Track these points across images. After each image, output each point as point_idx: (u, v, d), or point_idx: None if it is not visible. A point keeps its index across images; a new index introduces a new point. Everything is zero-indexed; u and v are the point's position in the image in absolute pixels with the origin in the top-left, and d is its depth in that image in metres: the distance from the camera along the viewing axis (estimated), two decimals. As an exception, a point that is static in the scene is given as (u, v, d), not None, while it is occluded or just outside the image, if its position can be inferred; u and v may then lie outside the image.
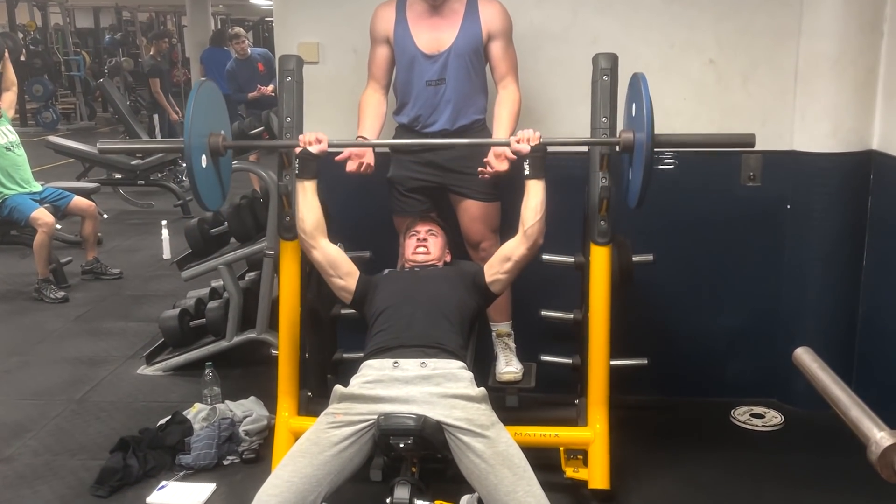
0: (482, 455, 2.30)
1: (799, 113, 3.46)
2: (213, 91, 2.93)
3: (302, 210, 2.76)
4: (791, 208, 3.56)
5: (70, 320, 5.12)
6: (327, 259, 2.77)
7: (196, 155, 2.69)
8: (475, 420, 2.34)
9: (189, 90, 12.19)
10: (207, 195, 2.78)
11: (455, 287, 2.77)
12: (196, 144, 2.69)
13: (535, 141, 2.71)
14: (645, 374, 3.24)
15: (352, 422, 2.36)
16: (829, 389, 1.29)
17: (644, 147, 2.58)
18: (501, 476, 2.28)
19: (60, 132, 13.93)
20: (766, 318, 3.67)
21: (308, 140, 2.78)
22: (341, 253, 2.82)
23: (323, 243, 2.77)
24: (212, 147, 2.79)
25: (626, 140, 2.73)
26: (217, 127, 2.86)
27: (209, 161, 2.79)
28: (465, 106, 3.10)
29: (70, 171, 8.66)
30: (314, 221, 2.76)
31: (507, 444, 2.34)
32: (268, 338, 4.06)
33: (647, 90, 2.59)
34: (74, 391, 4.02)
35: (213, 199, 2.87)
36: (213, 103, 2.90)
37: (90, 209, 6.01)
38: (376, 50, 3.16)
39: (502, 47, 3.07)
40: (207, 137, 2.79)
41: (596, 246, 2.91)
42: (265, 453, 3.21)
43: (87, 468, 3.21)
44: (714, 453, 3.30)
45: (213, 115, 2.87)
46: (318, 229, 2.76)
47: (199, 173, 2.72)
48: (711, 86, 3.49)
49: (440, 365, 2.47)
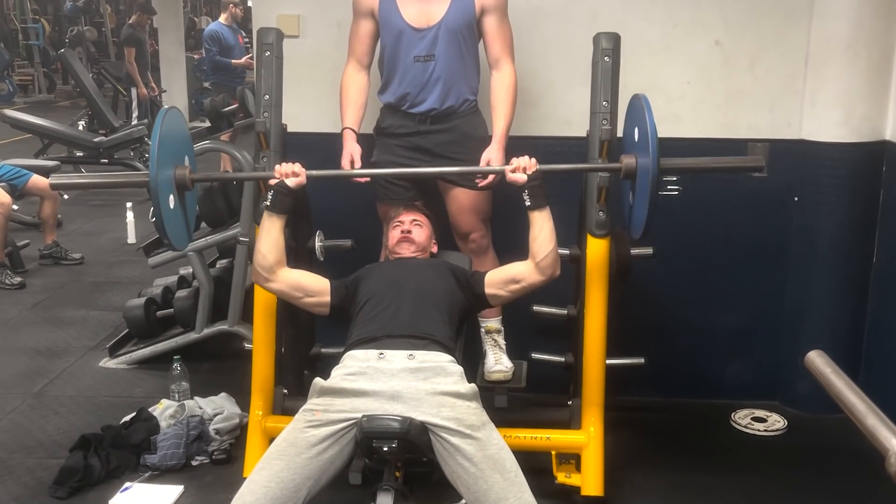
0: (471, 458, 2.29)
1: (809, 99, 3.47)
2: (178, 118, 2.83)
3: (264, 246, 2.68)
4: (798, 201, 3.57)
5: (27, 308, 5.08)
6: (289, 285, 2.73)
7: (164, 194, 2.61)
8: (464, 420, 2.33)
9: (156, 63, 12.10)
10: (175, 235, 2.70)
11: (444, 277, 2.76)
12: (163, 181, 2.61)
13: (531, 169, 2.66)
14: (642, 374, 3.25)
15: (332, 420, 2.34)
16: (844, 396, 1.30)
17: (649, 175, 2.55)
18: (492, 481, 2.27)
19: (17, 105, 13.81)
20: (769, 317, 3.69)
21: (284, 172, 2.71)
22: (302, 273, 2.78)
23: (282, 275, 2.71)
24: (178, 182, 2.70)
25: (629, 166, 2.69)
26: (182, 157, 2.78)
27: (176, 199, 2.71)
28: (456, 85, 3.08)
29: (28, 148, 8.58)
30: (276, 258, 2.69)
31: (498, 446, 2.34)
32: (240, 330, 4.04)
33: (650, 114, 2.56)
34: (31, 384, 3.98)
35: (181, 238, 2.79)
36: (178, 131, 2.80)
37: (49, 189, 5.94)
38: (359, 23, 3.13)
39: (496, 23, 3.05)
40: (173, 171, 2.70)
41: (593, 238, 2.91)
42: (237, 454, 3.20)
43: (45, 467, 3.18)
44: (713, 459, 3.32)
45: (179, 145, 2.78)
46: (279, 263, 2.71)
47: (168, 215, 2.63)
48: (717, 68, 3.49)
49: (429, 358, 2.46)
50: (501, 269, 2.80)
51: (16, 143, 9.39)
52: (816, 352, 1.40)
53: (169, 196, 2.65)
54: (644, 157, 2.58)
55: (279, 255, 2.70)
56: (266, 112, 2.96)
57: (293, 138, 3.11)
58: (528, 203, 2.65)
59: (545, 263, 2.64)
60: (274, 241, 2.69)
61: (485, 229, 3.20)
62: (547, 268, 2.65)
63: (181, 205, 2.75)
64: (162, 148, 2.59)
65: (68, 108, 14.00)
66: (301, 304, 2.77)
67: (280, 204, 2.70)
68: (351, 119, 3.10)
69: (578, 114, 3.09)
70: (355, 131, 3.09)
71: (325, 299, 2.73)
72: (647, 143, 2.53)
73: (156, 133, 2.59)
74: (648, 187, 2.54)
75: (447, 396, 2.37)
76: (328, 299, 2.72)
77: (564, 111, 3.45)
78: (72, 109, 13.04)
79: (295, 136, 3.13)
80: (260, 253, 2.69)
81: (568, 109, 3.41)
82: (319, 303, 2.74)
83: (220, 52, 8.52)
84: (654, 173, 2.52)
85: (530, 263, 2.67)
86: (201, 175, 2.91)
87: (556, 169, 2.87)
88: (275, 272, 2.70)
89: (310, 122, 3.40)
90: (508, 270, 2.75)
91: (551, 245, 2.64)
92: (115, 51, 16.89)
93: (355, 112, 3.10)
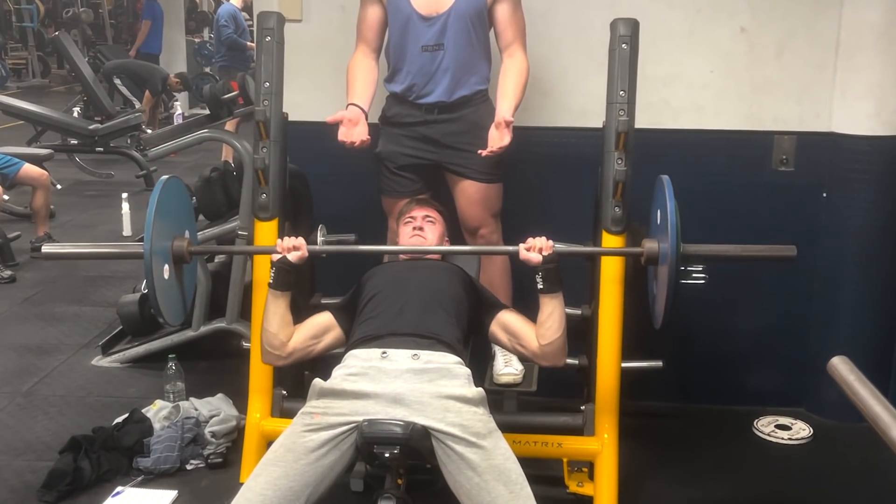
0: (476, 468, 2.28)
1: (839, 90, 3.45)
2: (178, 187, 2.83)
3: (272, 324, 2.67)
4: (827, 197, 3.55)
5: (17, 303, 5.10)
6: (302, 348, 2.72)
7: (157, 266, 2.59)
8: (470, 427, 2.32)
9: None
10: (168, 308, 2.69)
11: (454, 281, 2.75)
12: (158, 251, 2.60)
13: (547, 250, 2.59)
14: (659, 378, 3.24)
15: (331, 424, 2.34)
16: (868, 405, 1.29)
17: (669, 262, 2.53)
18: (496, 493, 2.26)
19: (10, 90, 13.87)
20: (795, 320, 3.68)
21: (286, 246, 2.71)
22: (305, 326, 2.74)
23: (292, 345, 2.70)
24: (175, 254, 2.70)
25: (651, 251, 2.68)
26: (182, 228, 2.77)
27: (171, 270, 2.70)
28: (465, 74, 3.08)
29: (20, 135, 8.63)
30: (287, 335, 2.68)
31: (504, 456, 2.33)
32: (239, 328, 4.05)
33: (671, 197, 2.56)
34: (20, 383, 4.00)
35: (175, 313, 2.78)
36: (178, 200, 2.80)
37: (42, 178, 5.98)
38: (367, 9, 3.14)
39: (509, 10, 3.04)
40: (171, 242, 2.70)
41: (608, 234, 2.91)
42: (233, 458, 3.21)
43: (34, 470, 3.20)
44: (734, 468, 3.31)
45: (178, 215, 2.77)
46: (289, 338, 2.70)
47: (161, 287, 2.62)
48: (742, 57, 3.47)
49: (434, 358, 2.45)
50: (516, 320, 2.69)
51: (8, 129, 9.44)
52: (840, 358, 1.40)
53: (163, 266, 2.64)
54: (665, 243, 2.58)
55: (289, 332, 2.69)
56: (266, 100, 2.96)
57: (295, 128, 3.11)
58: (541, 286, 2.59)
59: (549, 350, 2.60)
60: (281, 319, 2.68)
61: (494, 224, 3.20)
62: (549, 354, 2.61)
63: (177, 277, 2.74)
64: (158, 215, 2.59)
65: (63, 93, 14.09)
66: (318, 351, 2.75)
67: (283, 281, 2.68)
68: (356, 94, 3.05)
69: (593, 103, 3.08)
70: (361, 107, 3.03)
71: (336, 332, 2.72)
72: (668, 229, 2.53)
73: (153, 202, 2.59)
74: (669, 275, 2.54)
75: (453, 400, 2.36)
76: (339, 331, 2.71)
77: (580, 101, 3.44)
78: (67, 95, 13.13)
79: (297, 125, 3.13)
80: (270, 333, 2.68)
81: (584, 99, 3.40)
82: (334, 338, 2.72)
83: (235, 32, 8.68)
84: (675, 261, 2.51)
85: (535, 342, 2.62)
86: (201, 248, 2.89)
87: (575, 252, 2.86)
88: (286, 346, 2.69)
89: (313, 111, 3.39)
90: (520, 327, 2.67)
91: (558, 333, 2.59)
92: (113, 33, 16.98)
93: (362, 89, 3.06)
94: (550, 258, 2.59)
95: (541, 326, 2.61)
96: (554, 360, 2.63)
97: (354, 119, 2.99)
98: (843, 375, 1.37)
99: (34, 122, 8.16)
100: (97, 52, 12.78)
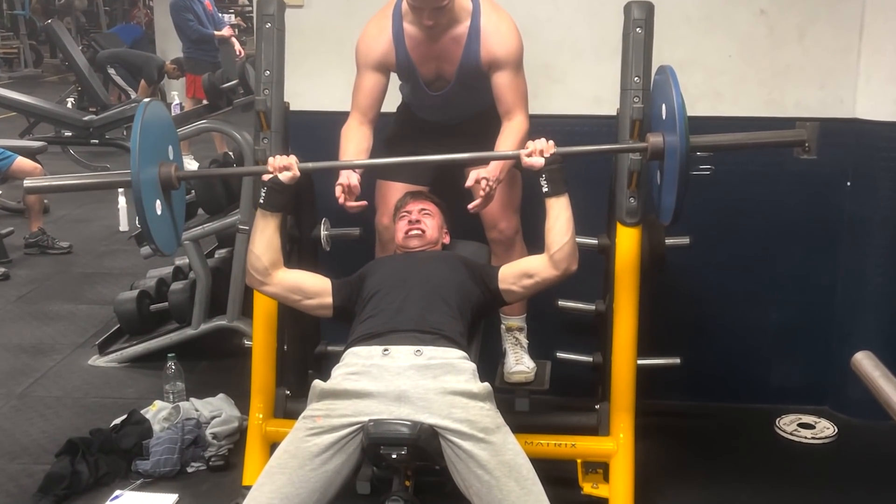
0: (485, 465, 2.29)
1: (863, 74, 3.44)
2: (160, 110, 2.82)
3: (258, 246, 2.68)
4: (851, 186, 3.54)
5: (10, 301, 5.12)
6: (287, 288, 2.75)
7: (148, 197, 2.59)
8: (477, 423, 2.33)
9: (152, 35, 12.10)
10: (162, 240, 2.69)
11: (456, 270, 2.77)
12: (147, 181, 2.59)
13: (548, 152, 2.64)
14: (677, 375, 3.24)
15: (334, 426, 2.35)
16: (894, 402, 1.30)
17: (677, 154, 2.54)
18: (507, 490, 2.28)
19: (1, 81, 13.90)
20: (818, 314, 3.67)
21: (277, 166, 2.69)
22: (301, 273, 2.79)
23: (278, 276, 2.72)
24: (163, 181, 2.69)
25: (656, 145, 2.68)
26: (165, 153, 2.77)
27: (163, 202, 2.70)
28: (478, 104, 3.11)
29: (12, 127, 8.66)
30: (271, 259, 2.70)
31: (514, 452, 2.34)
32: (240, 326, 4.07)
33: (677, 86, 2.55)
34: (15, 384, 4.02)
35: (169, 242, 2.78)
36: (161, 125, 2.79)
37: (35, 172, 5.98)
38: (366, 77, 3.01)
39: (508, 77, 2.96)
40: (157, 169, 2.69)
41: (623, 226, 2.91)
42: (235, 460, 3.23)
43: (30, 474, 3.22)
44: (755, 469, 3.31)
45: (162, 140, 2.77)
46: (274, 265, 2.72)
47: (153, 219, 2.62)
48: (762, 41, 3.47)
49: (437, 354, 2.47)
50: (515, 263, 2.80)
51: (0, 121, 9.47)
52: (864, 353, 1.40)
53: (155, 202, 2.65)
54: (672, 136, 2.57)
55: (274, 257, 2.71)
56: (266, 89, 2.96)
57: (296, 117, 3.12)
58: (546, 189, 2.65)
59: (559, 256, 2.64)
60: (268, 242, 2.69)
61: (513, 219, 3.17)
62: (561, 261, 2.65)
63: (168, 206, 2.75)
64: (143, 142, 2.57)
65: (56, 83, 14.12)
66: (301, 306, 2.79)
67: (274, 201, 2.69)
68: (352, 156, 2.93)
69: (607, 90, 3.07)
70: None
71: (326, 301, 2.74)
72: (675, 120, 2.52)
73: (136, 129, 2.58)
74: (677, 168, 2.54)
75: (458, 396, 2.37)
76: (330, 300, 2.74)
77: (593, 87, 3.43)
78: (60, 85, 13.15)
79: (298, 115, 3.14)
80: (254, 254, 2.71)
81: (597, 85, 3.39)
82: (321, 305, 2.76)
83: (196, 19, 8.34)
84: (684, 152, 2.51)
85: (545, 257, 2.68)
86: (188, 173, 2.90)
87: (576, 151, 2.83)
88: (270, 275, 2.71)
89: (314, 100, 3.41)
90: (522, 264, 2.77)
91: (568, 235, 2.64)
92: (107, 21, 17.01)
93: (356, 154, 2.94)
94: (553, 159, 2.64)
95: (549, 232, 2.65)
96: (567, 265, 2.65)
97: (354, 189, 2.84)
98: (868, 371, 1.37)
99: (27, 114, 8.19)
100: (91, 40, 12.81)
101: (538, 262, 2.70)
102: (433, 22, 2.84)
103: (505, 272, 2.76)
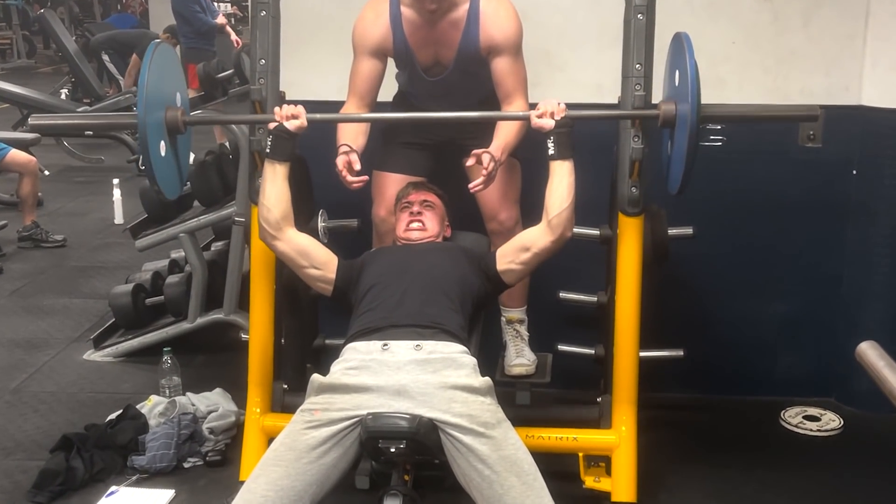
0: (486, 460, 2.29)
1: (870, 61, 3.44)
2: (169, 54, 2.88)
3: (268, 197, 2.71)
4: (857, 174, 3.54)
5: (4, 296, 5.13)
6: (296, 249, 2.75)
7: (153, 137, 2.64)
8: (478, 417, 2.34)
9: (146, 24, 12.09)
10: (166, 183, 2.75)
11: (457, 262, 2.77)
12: (152, 122, 2.64)
13: (559, 114, 2.67)
14: (680, 367, 3.24)
15: (333, 420, 2.35)
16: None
17: (688, 123, 2.54)
18: (508, 485, 2.28)
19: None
20: (824, 305, 3.67)
21: (284, 114, 2.72)
22: (312, 239, 2.81)
23: (290, 234, 2.75)
24: (169, 124, 2.74)
25: (668, 113, 2.70)
26: (173, 98, 2.80)
27: (167, 145, 2.75)
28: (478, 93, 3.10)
29: (5, 119, 8.65)
30: (282, 211, 2.72)
31: (515, 446, 2.35)
32: (237, 319, 4.07)
33: (691, 54, 2.56)
34: (9, 379, 4.03)
35: (172, 186, 2.84)
36: (170, 69, 2.82)
37: (29, 164, 6.00)
38: (363, 62, 3.03)
39: (507, 62, 2.97)
40: (164, 112, 2.74)
41: (625, 217, 2.90)
42: (233, 455, 3.23)
43: (24, 470, 3.22)
44: (760, 462, 3.31)
45: (170, 84, 2.80)
46: (286, 219, 2.74)
47: (157, 160, 2.67)
48: (766, 27, 3.46)
49: (437, 348, 2.47)
50: (511, 241, 2.81)
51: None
52: (869, 343, 1.40)
53: (160, 142, 2.69)
54: (684, 104, 2.59)
55: (285, 209, 2.73)
56: (262, 79, 2.95)
57: (292, 107, 3.11)
58: (552, 151, 2.67)
59: (557, 221, 2.65)
60: (279, 192, 2.71)
61: (513, 209, 3.17)
62: (558, 226, 2.66)
63: (173, 150, 2.79)
64: (151, 84, 2.61)
65: (50, 74, 14.12)
66: (304, 274, 2.79)
67: (281, 150, 2.72)
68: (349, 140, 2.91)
69: (609, 77, 3.06)
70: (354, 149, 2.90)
71: (329, 276, 2.75)
72: (688, 88, 2.53)
73: (145, 69, 2.61)
74: (687, 137, 2.55)
75: (458, 391, 2.37)
76: (332, 276, 2.75)
77: (594, 75, 3.42)
78: (54, 76, 13.16)
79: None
80: (265, 206, 2.72)
81: (598, 73, 3.38)
82: (324, 278, 2.76)
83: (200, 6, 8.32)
84: (694, 120, 2.52)
85: (541, 225, 2.69)
86: (195, 117, 2.95)
87: (587, 115, 2.92)
88: (282, 229, 2.73)
89: (311, 89, 3.39)
90: (517, 239, 2.77)
91: (568, 200, 2.66)
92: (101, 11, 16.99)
93: (354, 139, 2.92)
94: (563, 122, 2.66)
95: (550, 195, 2.66)
96: (562, 230, 2.67)
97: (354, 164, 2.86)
98: (872, 361, 1.37)
99: (20, 105, 8.19)
100: (85, 30, 12.81)
101: (533, 233, 2.72)
102: (436, 6, 2.85)
103: (502, 251, 2.77)
